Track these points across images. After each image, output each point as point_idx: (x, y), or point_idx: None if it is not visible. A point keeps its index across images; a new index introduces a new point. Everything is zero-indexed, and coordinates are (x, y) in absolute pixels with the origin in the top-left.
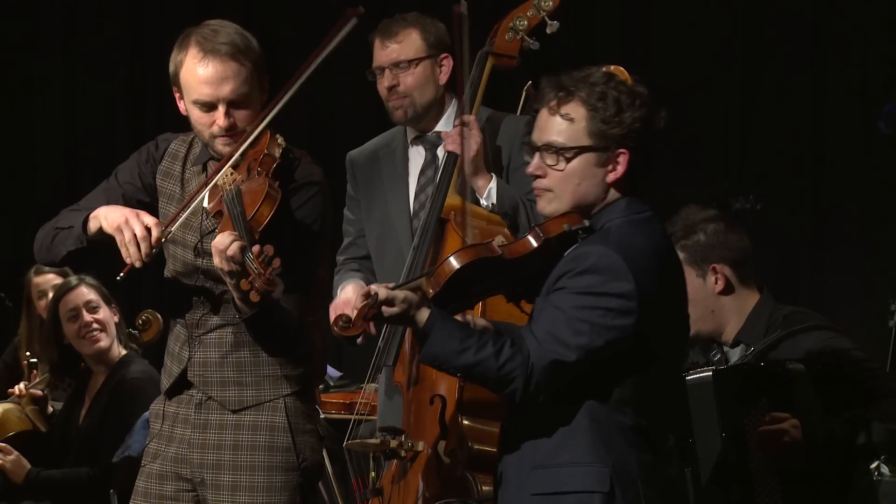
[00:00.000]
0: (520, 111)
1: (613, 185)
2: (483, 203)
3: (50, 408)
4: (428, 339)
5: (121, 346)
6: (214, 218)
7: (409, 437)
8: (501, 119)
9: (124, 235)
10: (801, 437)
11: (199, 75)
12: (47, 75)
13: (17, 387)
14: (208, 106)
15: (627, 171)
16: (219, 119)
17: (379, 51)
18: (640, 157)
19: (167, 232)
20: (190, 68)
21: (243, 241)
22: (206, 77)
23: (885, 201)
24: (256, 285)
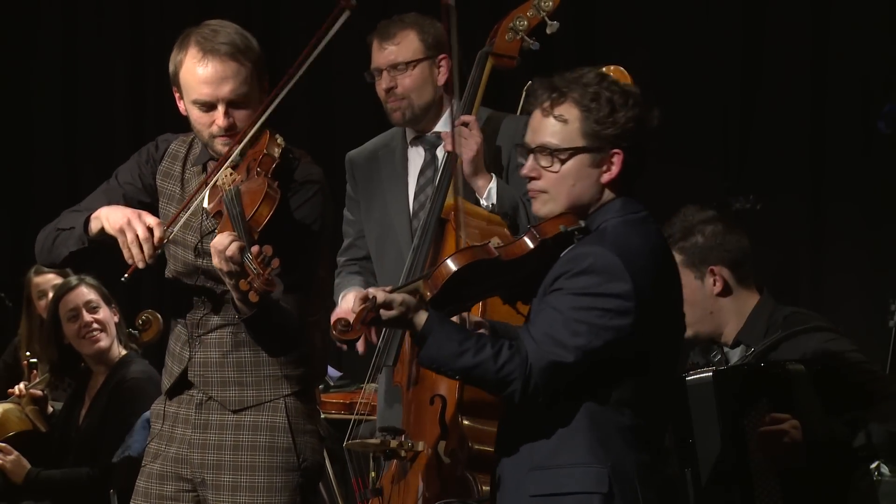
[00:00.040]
0: (520, 111)
1: (608, 185)
2: (483, 203)
3: (50, 408)
4: (426, 342)
5: (121, 346)
6: (214, 218)
7: (409, 438)
8: (501, 119)
9: (127, 237)
10: (802, 438)
11: (198, 75)
12: (47, 75)
13: (17, 387)
14: (208, 106)
15: (622, 171)
16: (218, 119)
17: (376, 52)
18: (634, 157)
19: (170, 232)
20: (190, 68)
21: (242, 242)
22: (205, 77)
23: (885, 201)
24: (255, 285)
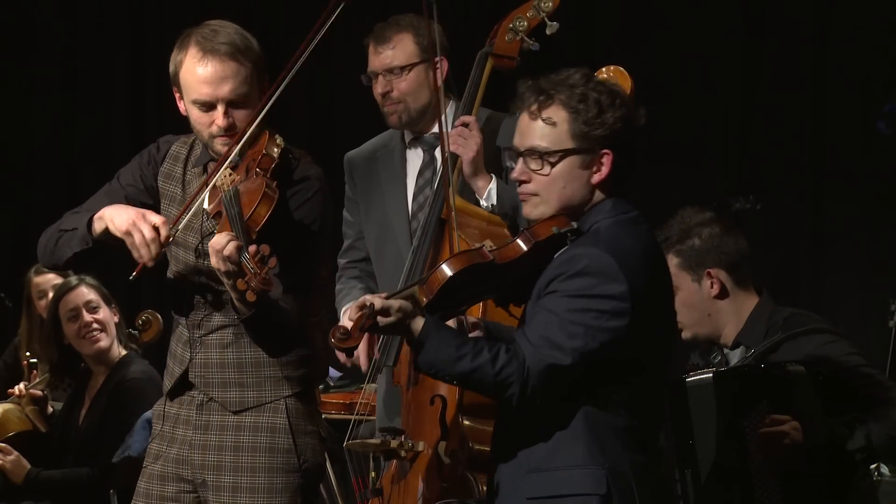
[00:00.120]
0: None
1: (598, 186)
2: (483, 204)
3: (50, 408)
4: (423, 348)
5: (121, 346)
6: (214, 219)
7: (409, 438)
8: (501, 119)
9: (134, 238)
10: (802, 440)
11: (198, 75)
12: (47, 75)
13: (17, 387)
14: (207, 106)
15: (611, 171)
16: (218, 119)
17: (372, 56)
18: (623, 157)
19: (175, 230)
20: (189, 68)
21: (239, 241)
22: (205, 77)
23: (885, 201)
24: (252, 285)
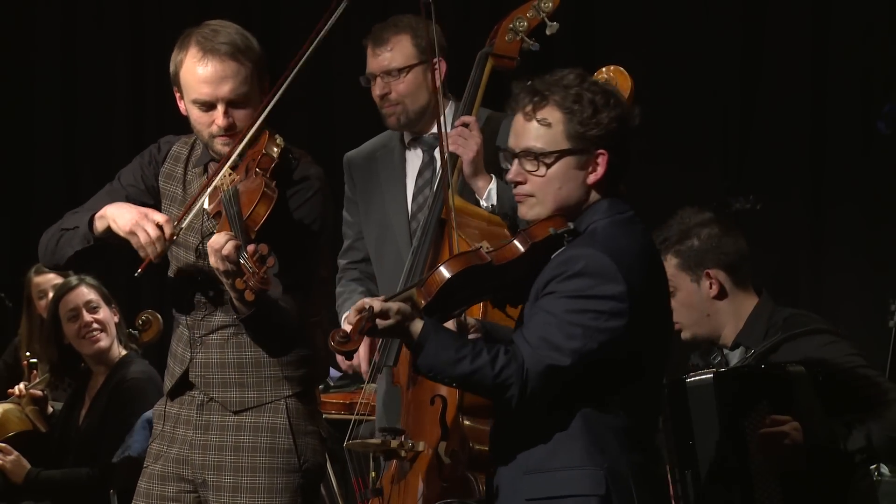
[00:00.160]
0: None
1: (594, 186)
2: (483, 204)
3: (50, 408)
4: (423, 350)
5: (121, 346)
6: (214, 219)
7: (409, 438)
8: (501, 120)
9: (139, 238)
10: (802, 440)
11: (198, 75)
12: (47, 75)
13: (17, 387)
14: (207, 105)
15: (607, 171)
16: (218, 119)
17: (370, 58)
18: (618, 157)
19: (179, 227)
20: (190, 68)
21: (238, 241)
22: (205, 76)
23: (885, 201)
24: (251, 284)
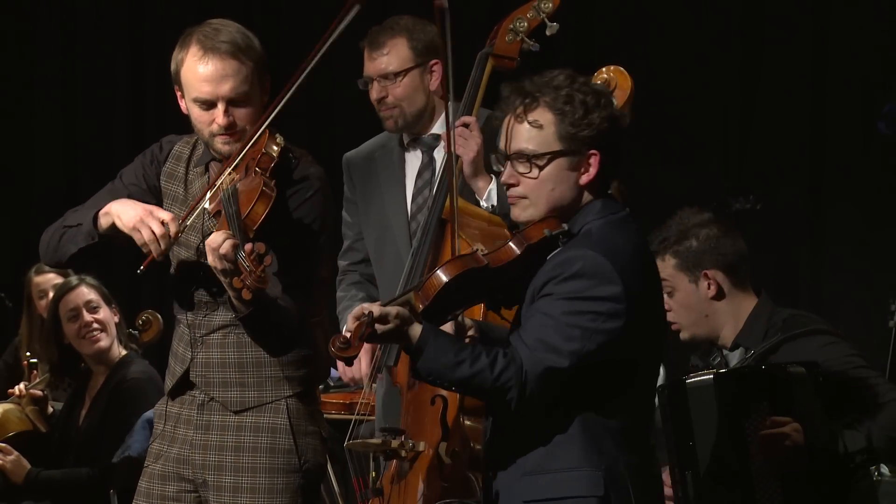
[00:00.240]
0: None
1: (586, 186)
2: (483, 205)
3: (50, 408)
4: (422, 354)
5: (121, 346)
6: (214, 218)
7: (409, 438)
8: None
9: (143, 235)
10: (803, 441)
11: (199, 73)
12: (47, 75)
13: (17, 387)
14: (208, 104)
15: (599, 171)
16: (218, 117)
17: (367, 61)
18: (610, 157)
19: (183, 225)
20: (190, 66)
21: (236, 240)
22: (205, 75)
23: (885, 201)
24: (248, 283)
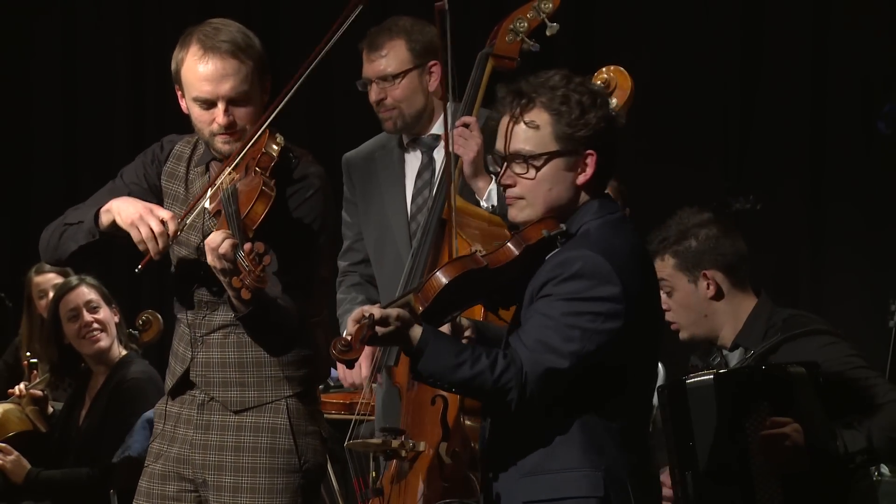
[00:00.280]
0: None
1: (583, 187)
2: (483, 205)
3: (50, 408)
4: (422, 356)
5: (121, 346)
6: (215, 218)
7: (409, 438)
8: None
9: (141, 232)
10: (803, 442)
11: (199, 73)
12: (47, 75)
13: (17, 387)
14: (208, 103)
15: (596, 171)
16: (218, 117)
17: (366, 63)
18: (606, 157)
19: (182, 224)
20: (190, 66)
21: (235, 239)
22: (205, 74)
23: (885, 201)
24: (247, 283)
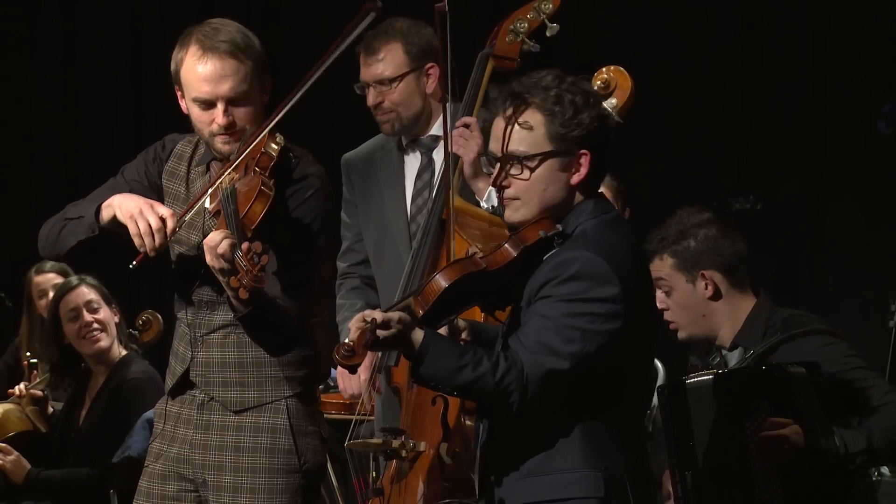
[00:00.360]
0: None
1: (577, 186)
2: (483, 205)
3: (50, 408)
4: (424, 360)
5: (121, 346)
6: (215, 217)
7: (409, 438)
8: None
9: (139, 226)
10: (803, 443)
11: (198, 73)
12: (47, 75)
13: (17, 387)
14: (207, 104)
15: (590, 171)
16: (217, 117)
17: (363, 67)
18: (600, 157)
19: (180, 222)
20: (190, 66)
21: (233, 239)
22: (204, 75)
23: (885, 201)
24: (244, 282)
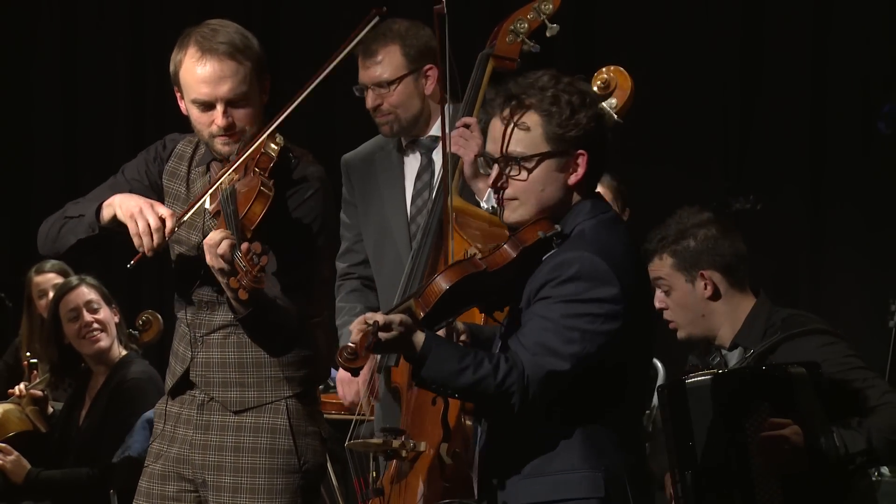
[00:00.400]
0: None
1: (575, 187)
2: (483, 206)
3: (50, 408)
4: (425, 362)
5: (121, 346)
6: (215, 218)
7: (409, 438)
8: None
9: (138, 225)
10: (803, 444)
11: (197, 74)
12: (47, 75)
13: (17, 387)
14: (206, 105)
15: (587, 171)
16: (217, 118)
17: (361, 69)
18: (596, 157)
19: (180, 223)
20: (189, 67)
21: (233, 239)
22: (203, 76)
23: (885, 201)
24: (244, 283)
